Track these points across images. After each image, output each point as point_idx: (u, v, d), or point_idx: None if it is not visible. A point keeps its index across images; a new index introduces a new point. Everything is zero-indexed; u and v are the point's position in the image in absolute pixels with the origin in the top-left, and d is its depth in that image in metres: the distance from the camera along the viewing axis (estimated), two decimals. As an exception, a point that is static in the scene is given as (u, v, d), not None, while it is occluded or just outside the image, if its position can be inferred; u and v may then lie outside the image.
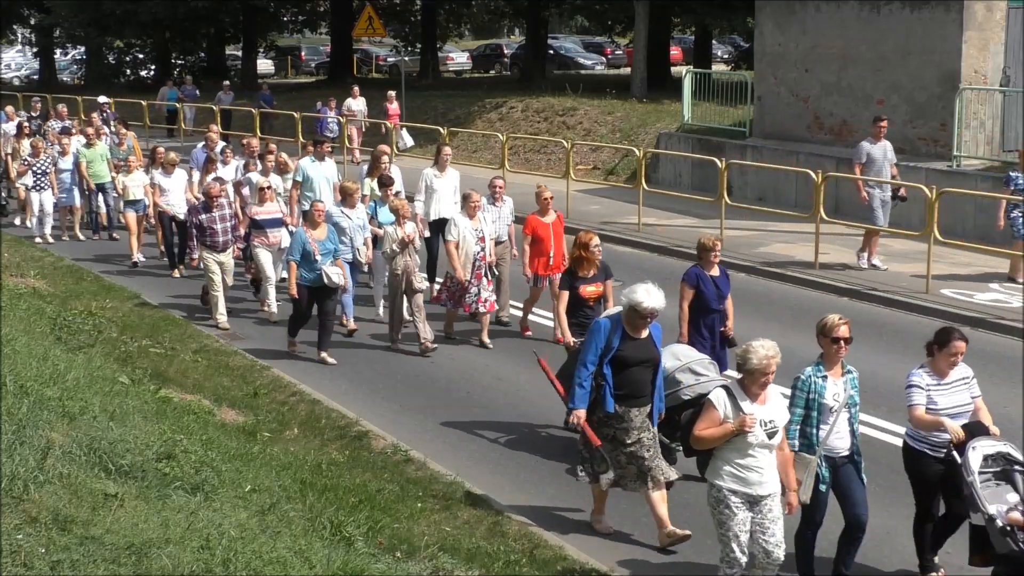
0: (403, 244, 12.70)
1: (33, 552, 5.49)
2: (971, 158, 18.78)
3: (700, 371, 9.16)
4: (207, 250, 14.22)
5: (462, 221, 13.08)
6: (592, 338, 8.13)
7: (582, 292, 10.53)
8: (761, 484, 7.09)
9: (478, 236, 13.08)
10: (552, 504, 9.08)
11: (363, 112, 30.09)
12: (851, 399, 7.53)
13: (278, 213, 14.81)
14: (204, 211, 14.33)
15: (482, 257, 13.10)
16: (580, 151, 25.83)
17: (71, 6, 44.32)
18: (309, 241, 12.62)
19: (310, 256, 12.57)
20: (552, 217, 13.26)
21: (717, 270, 10.50)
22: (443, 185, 15.19)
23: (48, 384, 8.72)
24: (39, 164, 20.00)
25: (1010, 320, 13.62)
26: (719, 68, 41.77)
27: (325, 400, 11.36)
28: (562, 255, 13.06)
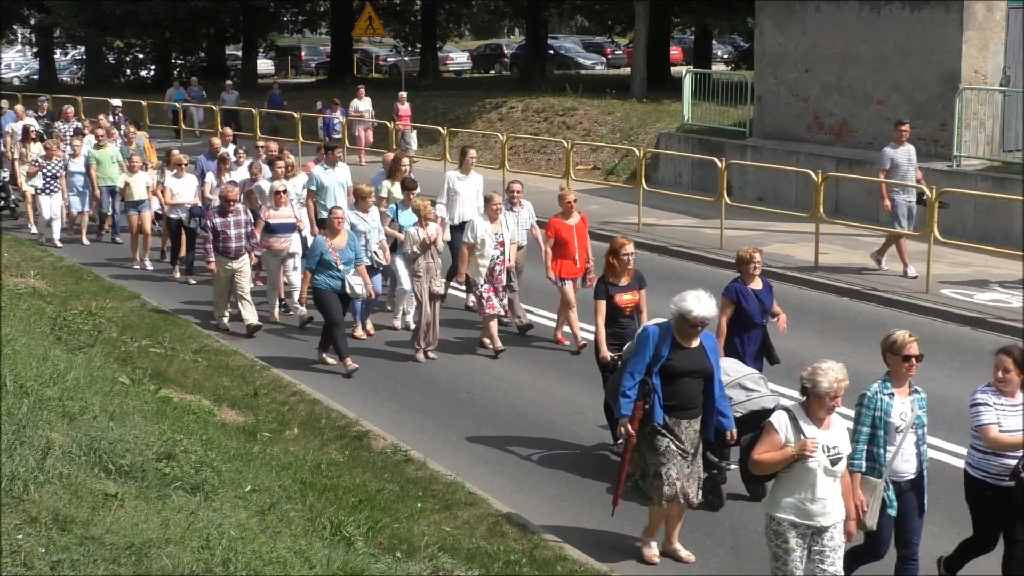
0: (424, 246, 12.48)
1: (33, 552, 5.49)
2: (971, 158, 18.78)
3: (751, 386, 8.81)
4: (220, 255, 13.89)
5: (481, 224, 12.81)
6: (640, 346, 7.84)
7: (618, 301, 9.99)
8: (824, 515, 6.68)
9: (497, 240, 12.81)
10: (552, 504, 9.08)
11: (370, 113, 29.73)
12: (918, 419, 7.13)
13: (291, 218, 14.54)
14: (219, 215, 13.98)
15: (501, 261, 12.82)
16: (580, 151, 25.83)
17: (71, 6, 44.34)
18: (329, 250, 12.32)
19: (331, 265, 12.29)
20: (576, 219, 12.98)
21: (759, 282, 9.99)
22: (466, 189, 14.88)
23: (48, 384, 8.72)
24: (50, 167, 19.59)
25: (1010, 320, 13.61)
26: (719, 68, 41.79)
27: (325, 400, 11.36)
28: (586, 258, 12.90)
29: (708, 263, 16.93)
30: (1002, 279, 15.36)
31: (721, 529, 8.52)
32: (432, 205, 13.63)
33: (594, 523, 8.73)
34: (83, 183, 19.70)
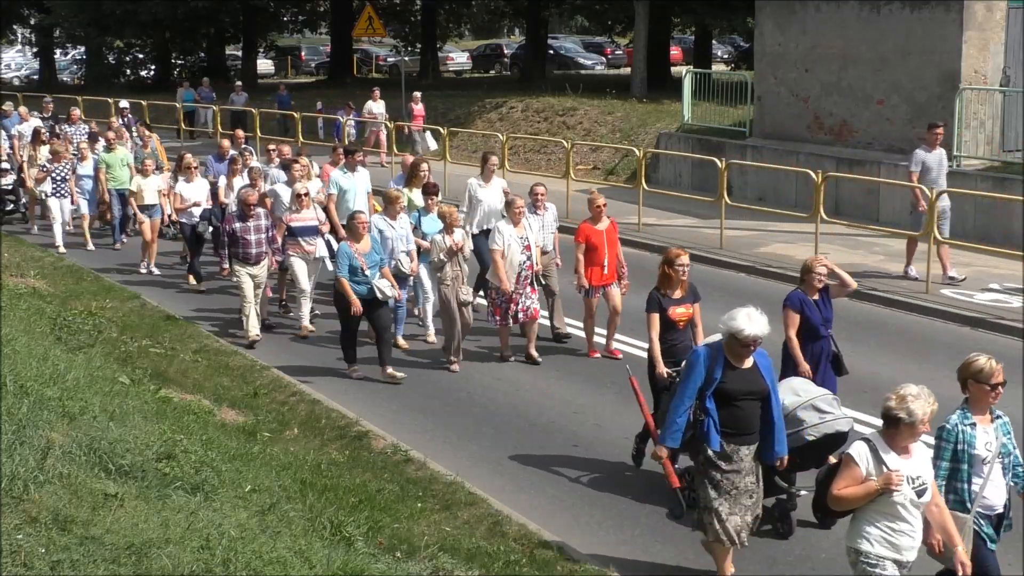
0: (451, 253, 12.11)
1: (33, 552, 5.49)
2: (971, 158, 18.79)
3: (824, 408, 8.27)
4: (238, 262, 13.36)
5: (506, 229, 12.40)
6: (691, 369, 7.44)
7: (672, 314, 9.46)
8: (912, 549, 6.34)
9: (523, 244, 12.41)
10: (552, 504, 9.08)
11: (384, 115, 29.17)
12: (1004, 448, 6.77)
13: (314, 220, 13.94)
14: (239, 220, 13.42)
15: (528, 266, 12.42)
16: (580, 151, 25.83)
17: (71, 6, 44.34)
18: (355, 255, 11.91)
19: (358, 270, 11.89)
20: (605, 224, 12.54)
21: (818, 293, 9.50)
22: (489, 195, 14.40)
23: (48, 384, 8.71)
24: (58, 170, 19.19)
25: (1010, 320, 13.62)
26: (719, 68, 41.80)
27: (325, 400, 11.36)
28: (616, 264, 12.53)
29: (708, 263, 16.93)
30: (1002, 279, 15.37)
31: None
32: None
33: (594, 523, 8.73)
34: (91, 186, 19.41)
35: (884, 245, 17.71)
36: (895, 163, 19.28)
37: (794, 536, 8.42)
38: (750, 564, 7.99)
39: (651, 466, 9.71)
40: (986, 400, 6.83)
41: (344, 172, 15.24)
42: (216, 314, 15.01)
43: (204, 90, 36.05)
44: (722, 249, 17.58)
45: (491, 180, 14.60)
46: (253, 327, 13.38)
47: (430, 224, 13.13)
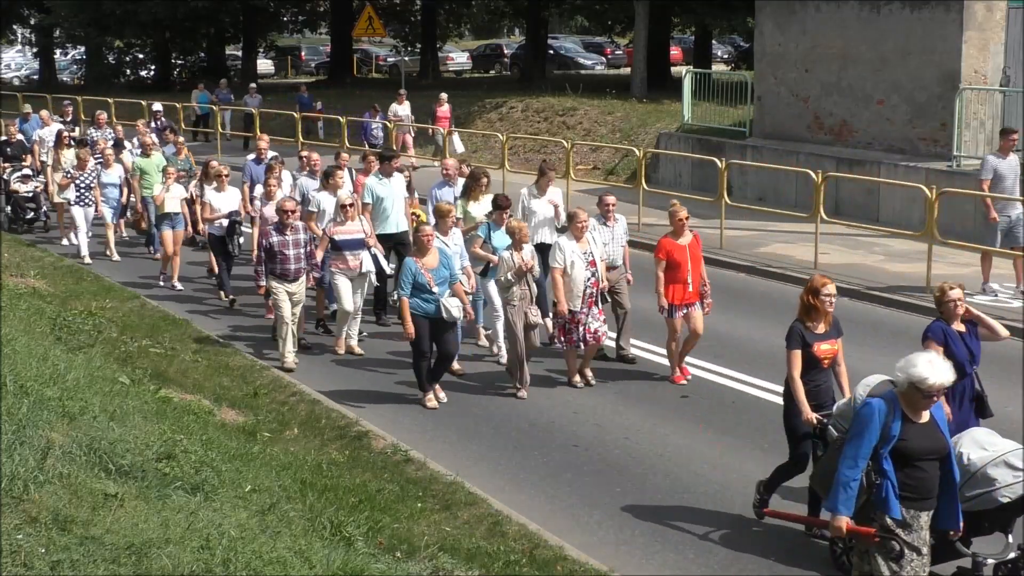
0: (520, 273, 11.39)
1: (33, 552, 5.49)
2: (971, 158, 18.78)
3: (1018, 464, 7.36)
4: (275, 279, 12.37)
5: (568, 245, 11.51)
6: (865, 425, 6.56)
7: (816, 351, 8.32)
8: None
9: (587, 260, 11.55)
10: (552, 504, 9.08)
11: (410, 118, 28.64)
12: None
13: (360, 233, 12.90)
14: (277, 232, 12.41)
15: (593, 283, 11.58)
16: (580, 151, 25.84)
17: (71, 6, 44.38)
18: (421, 271, 10.99)
19: (424, 287, 10.97)
20: (688, 239, 11.65)
21: (962, 324, 8.47)
22: (543, 207, 13.65)
23: (48, 384, 8.72)
24: (83, 177, 18.33)
25: (1010, 320, 13.60)
26: (719, 68, 41.81)
27: (325, 400, 11.36)
28: (700, 282, 11.70)
29: (708, 263, 16.83)
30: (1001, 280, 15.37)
31: (721, 529, 8.52)
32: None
33: (594, 523, 8.73)
34: (116, 195, 18.47)
35: (884, 245, 17.71)
36: (895, 163, 19.30)
37: (794, 536, 8.42)
38: (749, 564, 8.00)
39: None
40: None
41: (380, 179, 14.21)
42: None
43: (221, 92, 35.08)
44: (722, 249, 17.59)
45: (546, 191, 13.83)
46: (289, 352, 12.48)
47: (502, 239, 12.32)
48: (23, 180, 20.53)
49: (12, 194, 20.57)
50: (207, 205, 15.50)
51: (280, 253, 12.33)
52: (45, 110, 25.67)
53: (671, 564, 8.07)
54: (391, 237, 14.03)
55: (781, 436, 10.14)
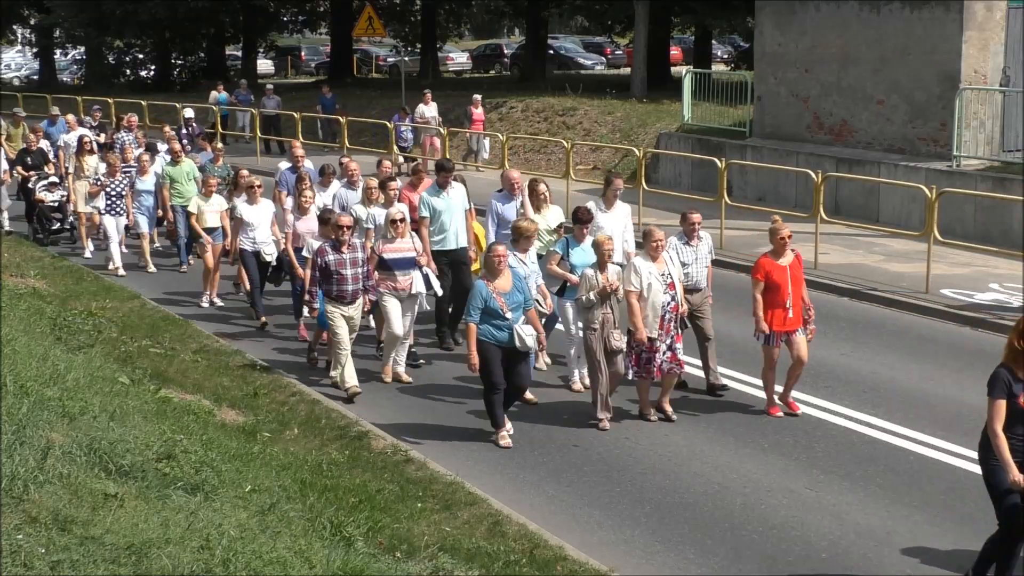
0: (604, 294, 10.43)
1: (33, 552, 5.49)
2: (971, 158, 18.79)
3: None
4: (332, 302, 11.37)
5: (644, 265, 10.54)
6: None
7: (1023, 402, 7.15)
8: None
9: (666, 282, 10.64)
10: (552, 504, 9.07)
11: (437, 119, 27.60)
12: None
13: (411, 251, 11.89)
14: (333, 251, 11.35)
15: (673, 307, 10.66)
16: (580, 151, 25.84)
17: (71, 6, 44.39)
18: (493, 295, 10.02)
19: (497, 313, 10.00)
20: (789, 258, 10.63)
21: None
22: (611, 222, 12.34)
23: (48, 384, 8.72)
24: (114, 185, 17.34)
25: (1010, 320, 13.57)
26: (719, 68, 41.82)
27: (325, 400, 11.35)
28: (801, 306, 10.63)
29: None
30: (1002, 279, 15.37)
31: (721, 529, 8.52)
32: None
33: (594, 523, 8.73)
34: (151, 203, 17.44)
35: (884, 245, 17.72)
36: (895, 163, 19.31)
37: (794, 536, 8.42)
38: (749, 564, 8.00)
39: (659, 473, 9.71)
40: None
41: (437, 191, 13.01)
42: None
43: (241, 92, 33.82)
44: (722, 249, 17.56)
45: (614, 204, 12.57)
46: (351, 377, 11.42)
47: (581, 256, 11.30)
48: (49, 189, 19.48)
49: (37, 204, 19.49)
50: (240, 219, 14.21)
51: (336, 273, 11.29)
52: (72, 114, 24.67)
53: (671, 564, 8.07)
54: (448, 253, 12.93)
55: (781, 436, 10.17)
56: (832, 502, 8.92)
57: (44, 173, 19.87)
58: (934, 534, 8.36)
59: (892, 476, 9.37)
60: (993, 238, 16.68)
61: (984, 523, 8.41)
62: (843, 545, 8.23)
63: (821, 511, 8.76)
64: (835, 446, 10.05)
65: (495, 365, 10.01)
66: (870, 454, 9.83)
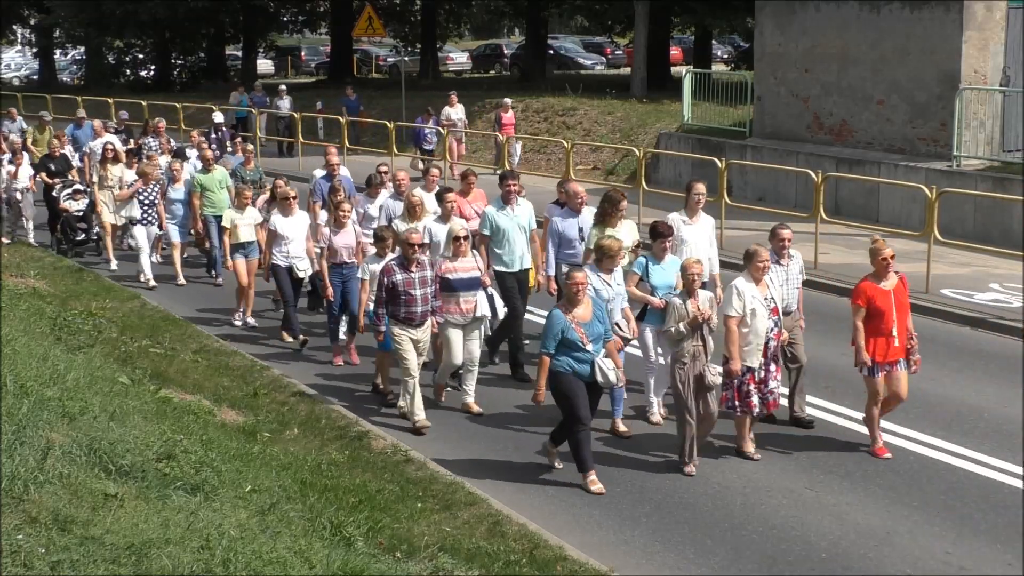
0: (695, 323, 9.46)
1: (33, 552, 5.49)
2: (971, 158, 18.79)
3: None
4: (399, 324, 10.45)
5: (747, 288, 9.56)
6: None
7: None
8: None
9: (769, 308, 9.66)
10: (552, 504, 9.07)
11: (463, 122, 27.04)
12: None
13: (475, 270, 10.96)
14: (401, 269, 10.48)
15: (776, 334, 9.80)
16: (580, 151, 25.83)
17: (71, 6, 44.38)
18: (571, 326, 9.15)
19: (576, 344, 9.13)
20: (892, 282, 9.73)
21: None
22: (695, 235, 11.42)
23: (48, 384, 8.72)
24: (146, 194, 16.70)
25: (1010, 320, 13.61)
26: (719, 68, 41.82)
27: (325, 400, 11.35)
28: (907, 335, 9.69)
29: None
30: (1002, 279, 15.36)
31: (721, 529, 8.52)
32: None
33: (594, 523, 8.73)
34: (183, 212, 16.74)
35: (884, 245, 17.69)
36: (895, 163, 19.31)
37: (794, 536, 8.42)
38: (749, 564, 8.00)
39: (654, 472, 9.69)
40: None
41: (501, 208, 11.99)
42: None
43: (256, 94, 32.70)
44: (722, 249, 17.48)
45: (697, 215, 11.61)
46: (419, 409, 10.62)
47: (662, 276, 10.46)
48: (73, 197, 18.61)
49: (62, 213, 18.62)
50: (274, 232, 13.23)
51: (405, 293, 10.40)
52: (99, 119, 23.52)
53: (671, 564, 8.07)
54: (512, 276, 11.96)
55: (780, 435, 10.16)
56: (832, 502, 8.92)
57: (68, 181, 19.13)
58: (934, 534, 8.36)
59: (892, 476, 9.36)
60: (993, 238, 16.68)
61: (984, 523, 8.45)
62: (843, 545, 8.23)
63: (821, 511, 8.76)
64: (835, 446, 10.05)
65: (580, 399, 9.11)
66: (869, 454, 9.84)
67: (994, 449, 9.69)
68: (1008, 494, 8.96)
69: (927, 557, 8.04)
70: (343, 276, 12.51)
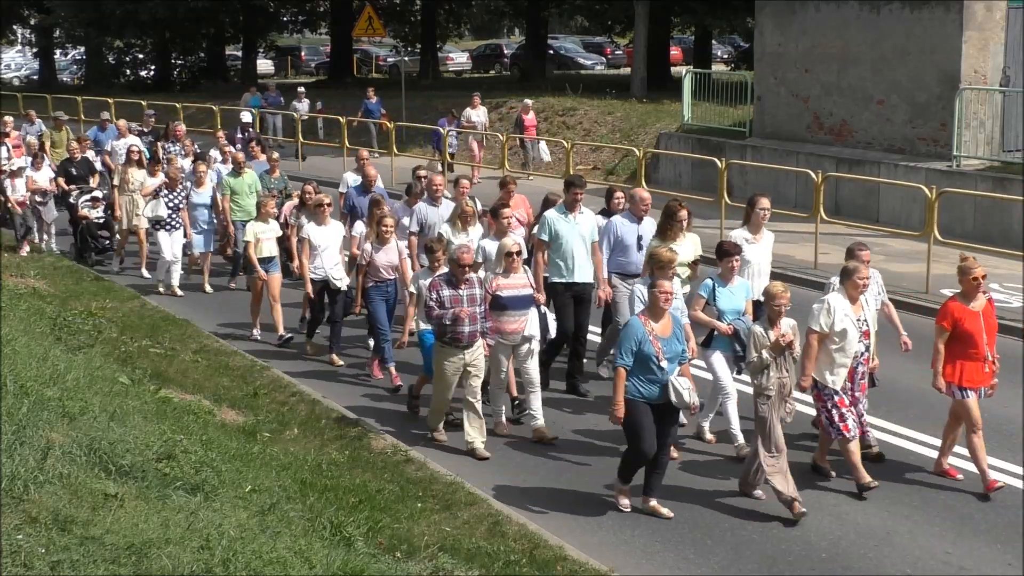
0: (779, 349, 8.69)
1: (33, 552, 5.49)
2: (971, 158, 18.79)
3: None
4: (445, 346, 9.89)
5: (841, 305, 8.90)
6: None
7: None
8: None
9: (861, 329, 9.03)
10: (552, 504, 9.07)
11: (484, 124, 26.48)
12: None
13: (527, 287, 10.26)
14: (448, 286, 9.88)
15: (865, 359, 9.17)
16: (580, 151, 25.83)
17: (71, 6, 44.39)
18: (649, 338, 8.44)
19: (651, 359, 8.43)
20: (981, 303, 9.18)
21: None
22: (759, 254, 10.63)
23: (48, 384, 8.72)
24: (172, 198, 15.95)
25: (1010, 320, 13.61)
26: (719, 68, 41.82)
27: (325, 400, 11.35)
28: (994, 359, 9.20)
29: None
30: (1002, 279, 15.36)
31: (721, 529, 8.52)
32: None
33: (594, 523, 8.73)
34: (207, 218, 16.12)
35: (884, 245, 17.69)
36: (895, 163, 19.31)
37: (794, 536, 8.42)
38: (749, 564, 8.00)
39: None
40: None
41: (564, 214, 11.30)
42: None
43: (271, 95, 31.97)
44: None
45: (761, 231, 10.81)
46: (478, 434, 10.00)
47: (729, 299, 9.81)
48: (92, 204, 17.87)
49: (81, 220, 17.88)
50: (307, 242, 12.50)
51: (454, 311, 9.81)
52: (124, 120, 22.87)
53: (671, 564, 8.07)
54: (570, 287, 11.29)
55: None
56: (832, 502, 8.92)
57: (86, 187, 18.28)
58: (934, 534, 8.36)
59: (892, 476, 9.36)
60: (993, 238, 16.67)
61: (984, 523, 8.46)
62: (843, 545, 8.23)
63: (821, 511, 8.76)
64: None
65: (646, 430, 8.43)
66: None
67: (994, 449, 9.68)
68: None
69: (927, 557, 8.04)
70: (386, 294, 11.86)
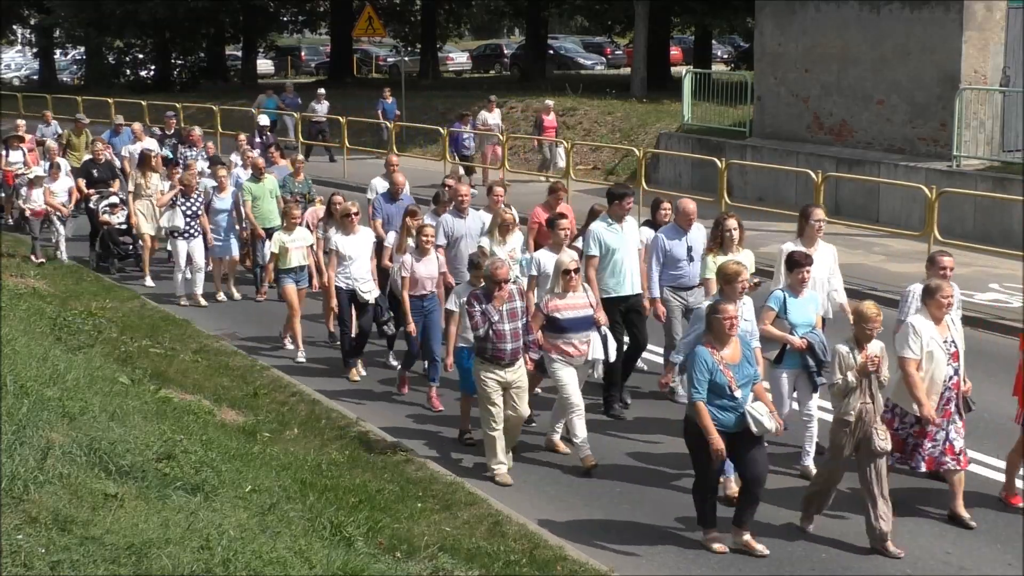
0: (864, 371, 8.07)
1: (33, 552, 5.49)
2: (971, 158, 18.79)
3: None
4: (486, 364, 9.34)
5: (926, 327, 8.35)
6: None
7: None
8: None
9: (949, 352, 8.41)
10: (552, 504, 9.08)
11: (501, 127, 25.83)
12: None
13: (588, 307, 9.64)
14: (486, 300, 9.33)
15: (954, 384, 8.47)
16: (580, 151, 25.83)
17: (71, 6, 44.40)
18: (719, 368, 7.89)
19: (724, 390, 7.89)
20: None
21: None
22: (815, 267, 9.61)
23: (48, 384, 8.72)
24: (190, 204, 15.40)
25: (1010, 320, 13.61)
26: (719, 68, 41.82)
27: (325, 400, 11.36)
28: None
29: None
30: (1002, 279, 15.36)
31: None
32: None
33: (594, 523, 8.73)
34: (227, 224, 15.55)
35: (884, 245, 17.72)
36: (895, 163, 19.31)
37: (793, 537, 8.41)
38: (749, 564, 7.99)
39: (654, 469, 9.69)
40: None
41: (609, 225, 10.71)
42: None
43: (288, 96, 30.96)
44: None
45: (816, 243, 10.12)
46: (501, 460, 9.47)
47: (801, 312, 9.22)
48: (111, 209, 17.32)
49: (102, 226, 17.31)
50: (334, 253, 12.00)
51: (493, 328, 9.29)
52: (139, 123, 22.30)
53: (671, 564, 8.07)
54: (622, 301, 10.71)
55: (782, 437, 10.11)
56: (832, 502, 8.91)
57: (105, 192, 17.72)
58: (934, 534, 8.36)
59: (892, 476, 9.34)
60: (993, 238, 16.68)
61: (984, 523, 8.45)
62: (843, 545, 8.22)
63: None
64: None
65: (716, 451, 7.88)
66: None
67: (994, 449, 9.68)
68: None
69: (927, 557, 8.04)
70: (424, 309, 11.22)
